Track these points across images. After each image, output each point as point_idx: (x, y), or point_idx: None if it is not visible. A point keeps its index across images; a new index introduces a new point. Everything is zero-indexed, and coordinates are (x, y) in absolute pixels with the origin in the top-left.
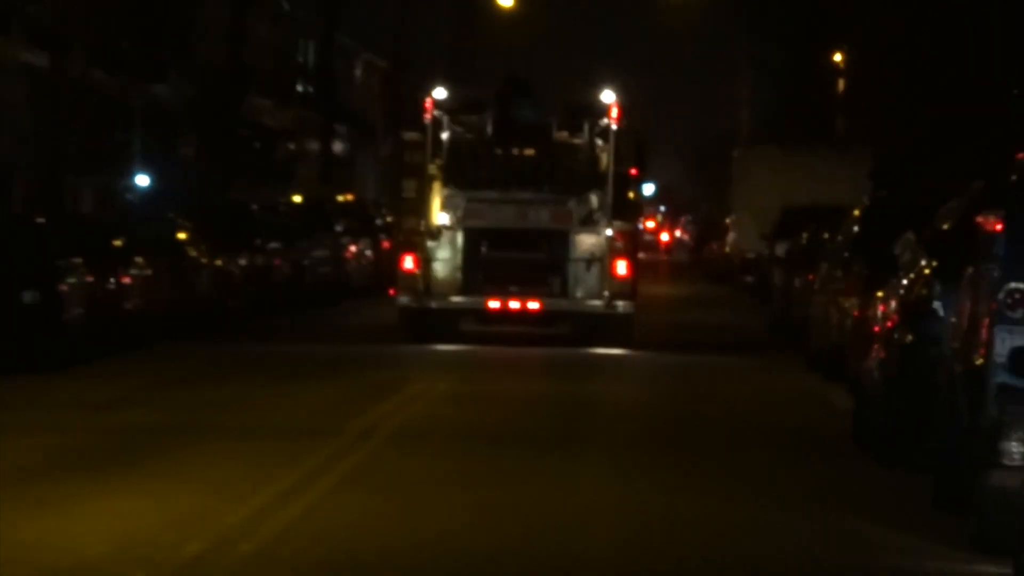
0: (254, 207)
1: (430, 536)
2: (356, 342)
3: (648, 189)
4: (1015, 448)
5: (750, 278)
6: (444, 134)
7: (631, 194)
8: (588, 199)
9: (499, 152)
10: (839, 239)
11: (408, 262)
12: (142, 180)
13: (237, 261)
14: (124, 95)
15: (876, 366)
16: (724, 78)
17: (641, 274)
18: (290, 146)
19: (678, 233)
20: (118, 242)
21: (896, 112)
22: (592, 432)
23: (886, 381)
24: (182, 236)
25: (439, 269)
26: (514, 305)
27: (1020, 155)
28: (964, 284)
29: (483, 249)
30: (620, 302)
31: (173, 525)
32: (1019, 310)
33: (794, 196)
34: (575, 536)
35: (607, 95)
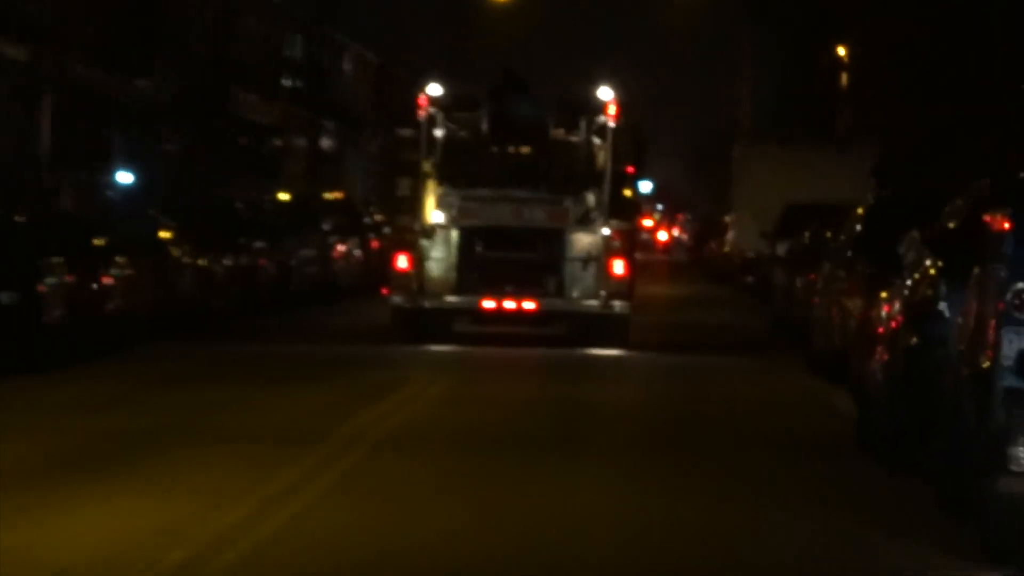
0: (239, 205)
1: (423, 542)
2: (346, 343)
3: (645, 187)
4: (1023, 454)
5: (750, 278)
6: (438, 131)
7: (628, 192)
8: (585, 197)
9: (494, 150)
10: (842, 238)
11: (402, 261)
12: (124, 177)
13: (221, 261)
14: (106, 89)
15: (880, 368)
16: (724, 75)
17: (638, 274)
18: (277, 142)
19: (676, 232)
20: (99, 241)
21: (901, 106)
22: (590, 434)
23: (890, 384)
24: (165, 235)
25: (433, 268)
26: (509, 305)
27: None
28: (970, 284)
29: (478, 248)
30: (617, 302)
31: (156, 533)
32: None
33: (796, 194)
34: (573, 539)
35: (604, 92)
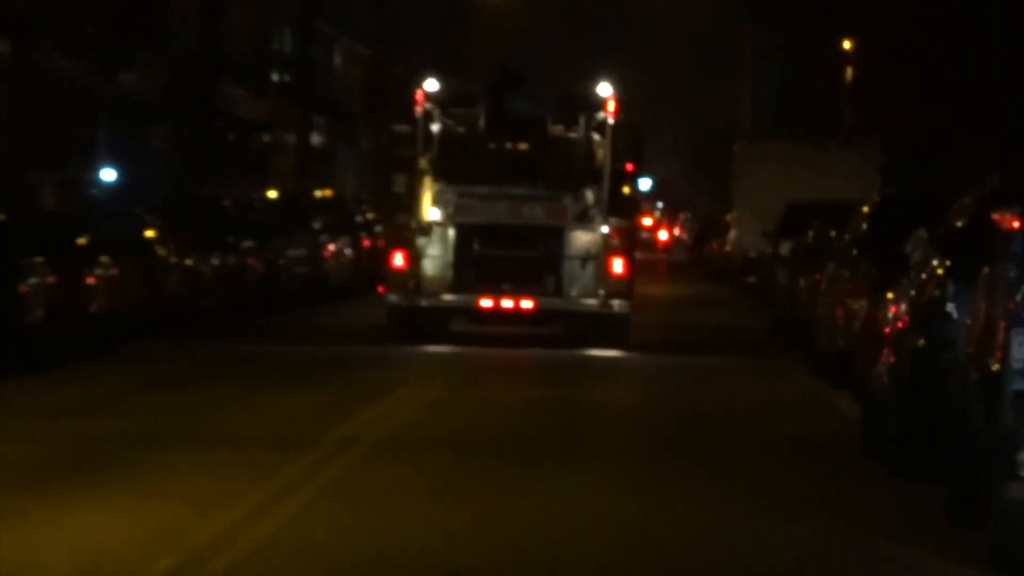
0: (227, 203)
1: (421, 545)
2: (339, 343)
3: (645, 185)
4: None
5: (752, 278)
6: (435, 127)
7: (627, 190)
8: (584, 195)
9: (492, 146)
10: (846, 237)
11: (398, 259)
12: (108, 174)
13: (209, 260)
14: (89, 83)
15: (886, 371)
16: (724, 74)
17: (638, 273)
18: (265, 138)
19: (677, 231)
20: (82, 240)
21: (902, 106)
22: (590, 435)
23: (896, 386)
24: (150, 233)
25: (429, 266)
26: (507, 304)
27: None
28: (979, 285)
29: (475, 246)
30: (616, 301)
31: (141, 541)
32: None
33: (798, 192)
34: (573, 540)
35: (604, 88)
